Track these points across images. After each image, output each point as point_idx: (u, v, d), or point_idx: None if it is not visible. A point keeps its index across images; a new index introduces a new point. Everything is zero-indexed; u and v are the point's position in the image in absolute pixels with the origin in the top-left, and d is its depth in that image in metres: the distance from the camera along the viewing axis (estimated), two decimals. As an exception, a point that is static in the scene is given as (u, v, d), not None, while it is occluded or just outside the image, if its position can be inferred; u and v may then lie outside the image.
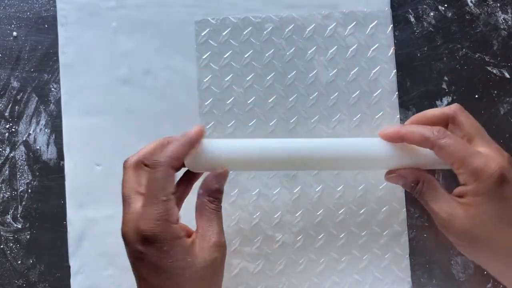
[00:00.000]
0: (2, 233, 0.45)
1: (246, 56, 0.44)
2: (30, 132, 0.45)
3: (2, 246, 0.45)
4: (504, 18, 0.45)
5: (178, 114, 0.44)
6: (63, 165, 0.44)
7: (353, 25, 0.44)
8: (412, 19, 0.45)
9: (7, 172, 0.45)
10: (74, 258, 0.44)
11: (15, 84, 0.45)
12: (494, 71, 0.45)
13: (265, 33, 0.44)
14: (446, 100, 0.45)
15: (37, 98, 0.45)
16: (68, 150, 0.44)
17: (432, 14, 0.45)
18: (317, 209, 0.44)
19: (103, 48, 0.45)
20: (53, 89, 0.45)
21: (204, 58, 0.44)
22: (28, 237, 0.45)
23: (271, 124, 0.44)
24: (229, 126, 0.44)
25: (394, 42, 0.44)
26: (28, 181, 0.45)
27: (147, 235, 0.33)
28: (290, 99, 0.44)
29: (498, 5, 0.45)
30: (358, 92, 0.44)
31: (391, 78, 0.44)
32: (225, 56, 0.44)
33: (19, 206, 0.45)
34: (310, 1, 0.44)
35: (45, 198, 0.45)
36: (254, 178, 0.44)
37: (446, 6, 0.45)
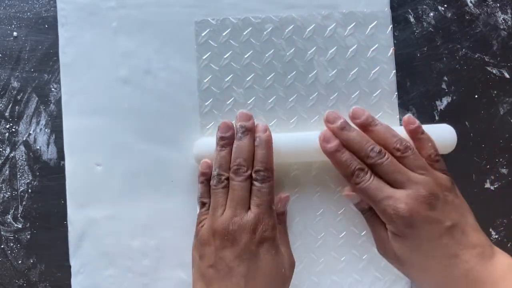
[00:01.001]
0: (2, 233, 0.45)
1: (246, 56, 0.44)
2: (30, 132, 0.45)
3: (2, 246, 0.45)
4: (503, 18, 0.45)
5: (178, 114, 0.44)
6: (63, 165, 0.45)
7: (353, 25, 0.44)
8: (411, 20, 0.45)
9: (7, 172, 0.45)
10: (74, 258, 0.44)
11: (15, 84, 0.45)
12: (494, 71, 0.45)
13: (265, 33, 0.44)
14: (445, 100, 0.45)
15: (37, 98, 0.45)
16: (68, 150, 0.45)
17: (431, 14, 0.45)
18: (317, 209, 0.44)
19: (103, 48, 0.45)
20: (53, 89, 0.45)
21: (204, 58, 0.44)
22: (28, 237, 0.45)
23: (271, 124, 0.44)
24: (229, 126, 0.44)
25: (394, 42, 0.44)
26: (28, 181, 0.45)
27: None
28: (290, 100, 0.44)
29: (498, 5, 0.45)
30: (357, 92, 0.44)
31: (391, 79, 0.44)
32: (225, 56, 0.44)
33: (20, 206, 0.45)
34: (310, 1, 0.44)
35: (45, 198, 0.45)
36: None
37: (445, 6, 0.45)
